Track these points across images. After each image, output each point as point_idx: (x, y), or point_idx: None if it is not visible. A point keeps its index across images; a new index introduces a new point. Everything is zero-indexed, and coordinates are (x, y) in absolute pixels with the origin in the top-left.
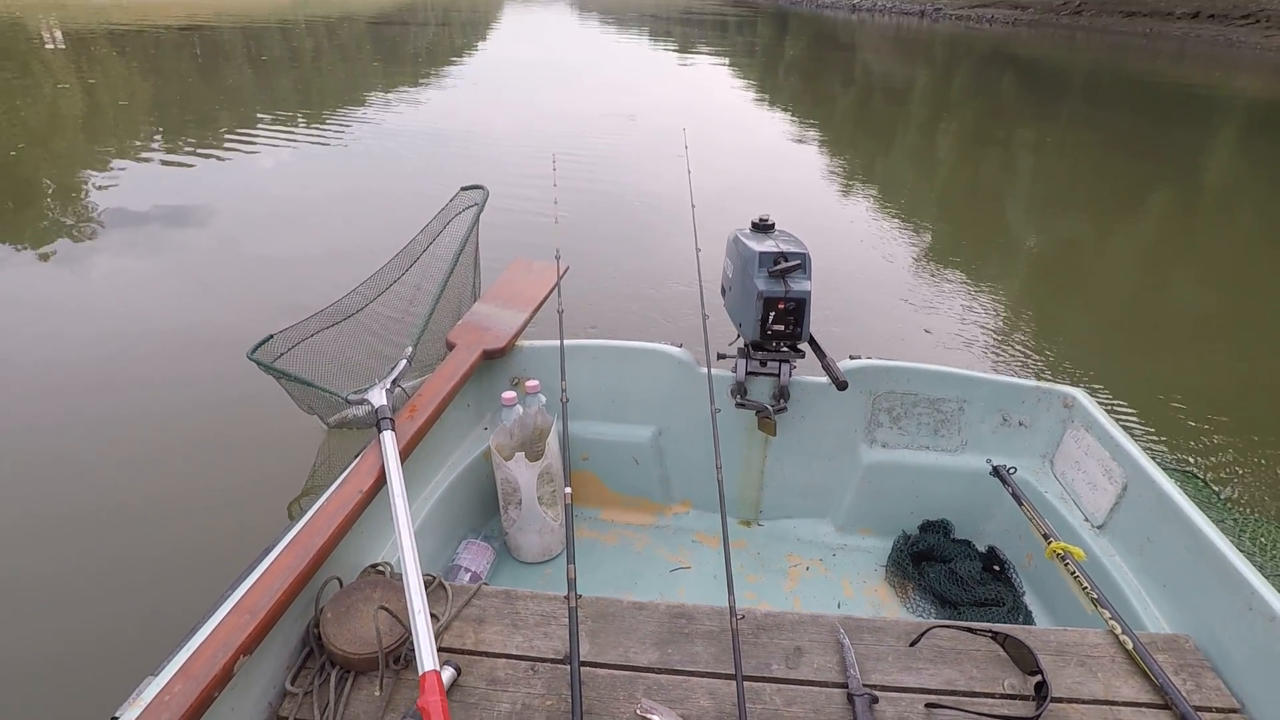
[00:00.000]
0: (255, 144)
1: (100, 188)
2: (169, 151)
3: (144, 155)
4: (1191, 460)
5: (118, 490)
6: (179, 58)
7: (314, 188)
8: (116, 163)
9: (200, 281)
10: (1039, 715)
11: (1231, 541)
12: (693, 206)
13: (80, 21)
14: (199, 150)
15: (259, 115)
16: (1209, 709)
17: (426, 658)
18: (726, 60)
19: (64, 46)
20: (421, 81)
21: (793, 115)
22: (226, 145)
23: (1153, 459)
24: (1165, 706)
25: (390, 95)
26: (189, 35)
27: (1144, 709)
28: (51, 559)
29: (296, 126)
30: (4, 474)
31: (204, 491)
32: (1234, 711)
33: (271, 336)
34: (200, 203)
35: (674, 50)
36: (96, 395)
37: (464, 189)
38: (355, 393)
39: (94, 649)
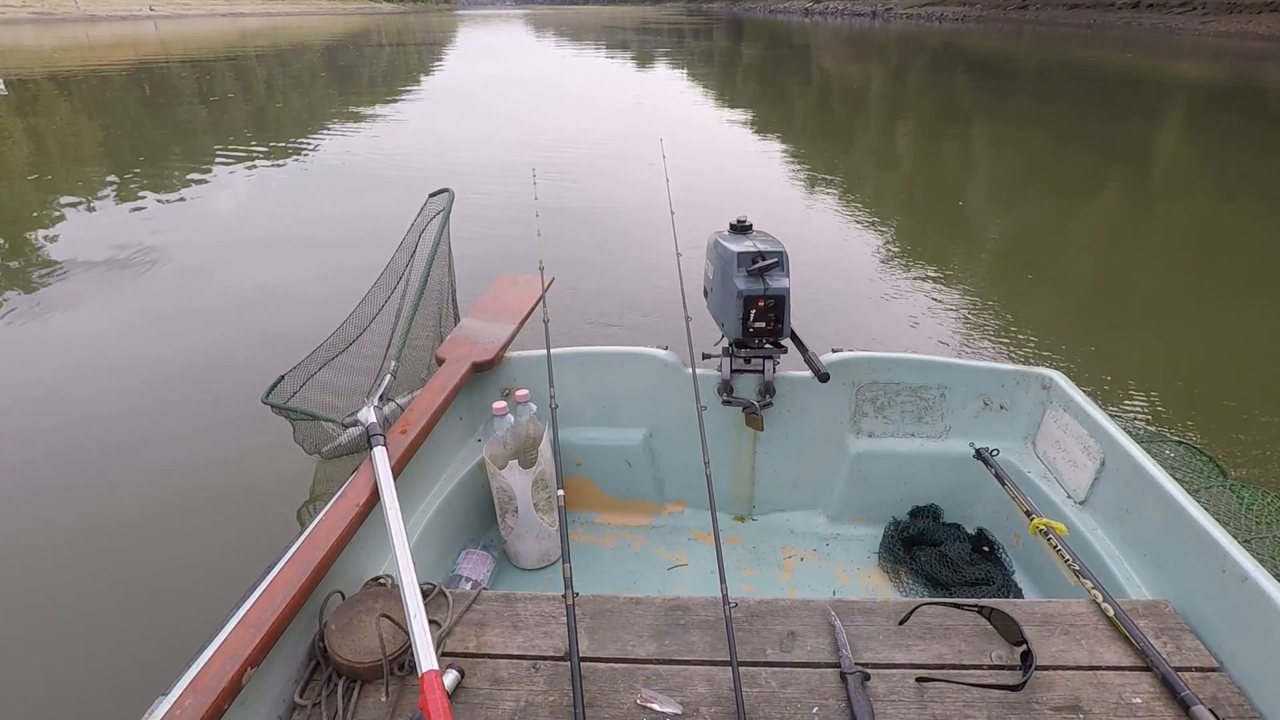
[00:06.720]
0: (213, 177)
1: (52, 236)
2: (120, 194)
3: (97, 198)
4: (1168, 431)
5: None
6: (127, 98)
7: (282, 220)
8: (69, 209)
9: (165, 323)
10: (1025, 682)
11: (1226, 508)
12: (671, 213)
13: (24, 67)
14: (152, 189)
15: (215, 149)
16: (1189, 669)
17: (424, 658)
18: (685, 67)
19: (5, 93)
20: (383, 104)
21: (757, 116)
22: (184, 181)
23: (1129, 434)
24: (1147, 669)
25: (351, 120)
26: (137, 75)
27: (1126, 671)
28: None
29: (256, 157)
30: (12, 513)
31: (211, 508)
32: (1214, 670)
33: (282, 378)
34: (160, 243)
35: (634, 60)
36: (65, 459)
37: (431, 195)
38: (349, 416)
39: (102, 680)
